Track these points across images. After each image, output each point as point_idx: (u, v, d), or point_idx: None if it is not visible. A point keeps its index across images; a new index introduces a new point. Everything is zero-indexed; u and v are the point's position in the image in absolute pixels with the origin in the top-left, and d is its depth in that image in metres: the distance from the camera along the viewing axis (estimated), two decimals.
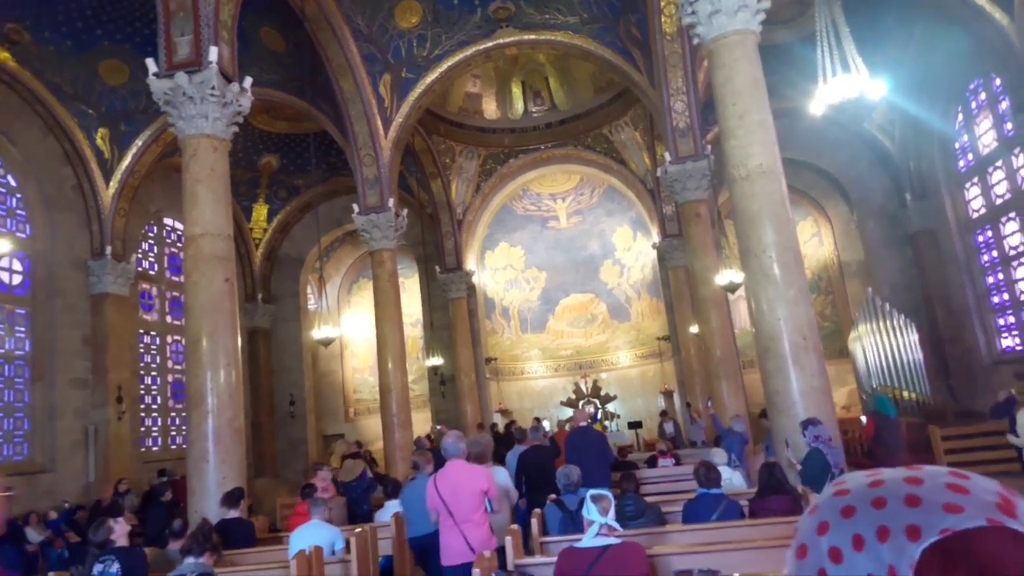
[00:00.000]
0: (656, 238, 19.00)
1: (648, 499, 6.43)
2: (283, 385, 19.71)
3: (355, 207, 13.46)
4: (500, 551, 4.57)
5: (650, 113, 15.23)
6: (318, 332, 13.52)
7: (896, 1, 13.45)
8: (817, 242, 19.28)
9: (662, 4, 12.07)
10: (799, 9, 14.47)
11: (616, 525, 3.52)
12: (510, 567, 4.07)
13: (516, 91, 19.12)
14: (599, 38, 13.62)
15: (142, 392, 15.71)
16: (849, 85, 7.04)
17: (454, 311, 18.97)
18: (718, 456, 6.73)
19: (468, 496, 4.95)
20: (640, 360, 21.24)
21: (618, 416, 20.11)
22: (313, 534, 5.38)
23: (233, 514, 6.30)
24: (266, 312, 19.35)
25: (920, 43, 14.74)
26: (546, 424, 16.96)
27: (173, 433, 16.51)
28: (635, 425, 17.83)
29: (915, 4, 13.21)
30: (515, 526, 4.55)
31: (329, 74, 12.87)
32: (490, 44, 13.93)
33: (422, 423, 19.83)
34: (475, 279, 20.14)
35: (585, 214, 22.14)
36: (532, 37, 13.93)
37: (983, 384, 14.65)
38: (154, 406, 16.16)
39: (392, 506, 6.73)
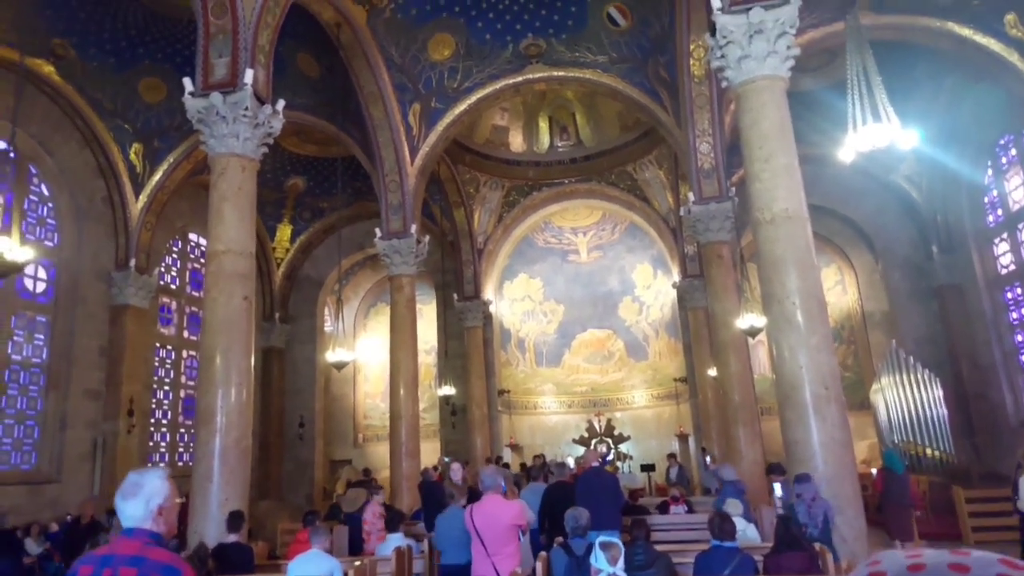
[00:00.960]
0: (676, 277, 18.88)
1: (658, 547, 6.26)
2: (294, 406, 19.67)
3: (377, 231, 13.53)
4: None
5: (675, 153, 15.24)
6: (332, 355, 13.51)
7: (926, 53, 13.40)
8: (840, 290, 19.02)
9: (691, 47, 12.15)
10: (827, 58, 14.48)
11: (622, 574, 3.38)
12: None
13: (543, 125, 19.28)
14: (627, 78, 13.72)
15: (153, 406, 15.74)
16: (880, 134, 6.98)
17: (469, 340, 18.89)
18: (734, 507, 6.52)
19: (503, 529, 5.24)
20: (656, 401, 20.94)
21: (631, 457, 19.77)
22: (312, 564, 5.27)
23: (232, 538, 6.20)
24: (282, 332, 19.43)
25: (950, 95, 14.67)
26: (570, 461, 16.66)
27: (181, 450, 16.47)
28: (648, 468, 17.49)
29: (945, 57, 13.16)
30: (519, 570, 4.41)
31: (360, 101, 13.06)
32: (520, 79, 14.09)
33: (431, 453, 19.63)
34: (492, 309, 20.09)
35: (606, 249, 22.10)
36: (561, 74, 14.07)
37: (1009, 444, 14.18)
38: (164, 421, 16.16)
39: (394, 539, 6.59)
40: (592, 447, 20.15)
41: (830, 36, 12.59)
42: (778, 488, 7.11)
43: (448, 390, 18.17)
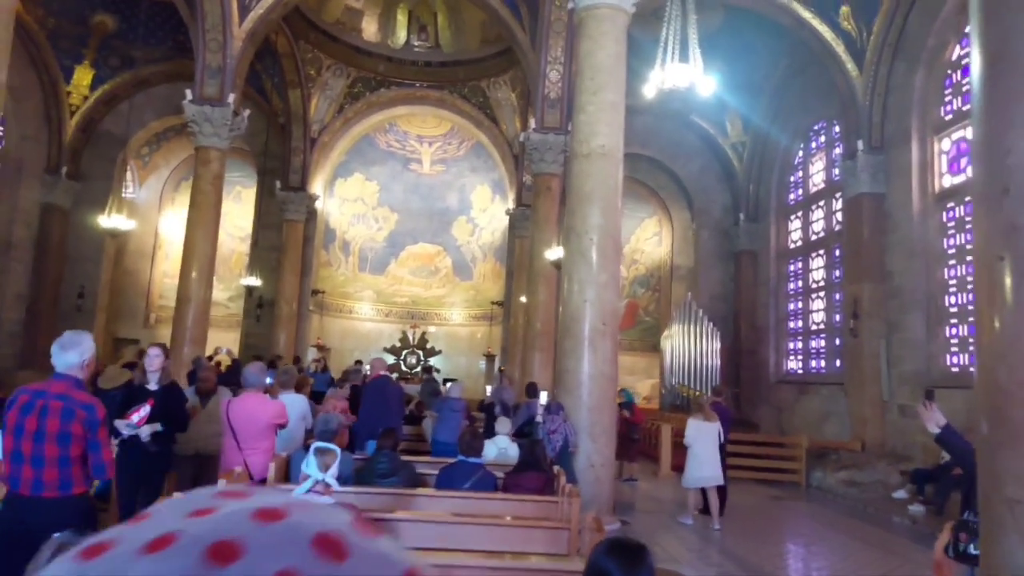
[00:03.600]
0: (512, 205, 18.93)
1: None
2: (76, 275, 17.53)
3: (188, 93, 12.02)
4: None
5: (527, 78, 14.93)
6: (107, 220, 11.94)
7: (770, 30, 14.03)
8: (657, 241, 20.18)
9: None
10: None
11: (334, 483, 3.21)
12: None
13: (401, 18, 18.06)
14: None
15: None
16: (682, 74, 7.13)
17: (288, 233, 17.78)
18: (502, 425, 6.68)
19: (260, 427, 5.22)
20: (472, 320, 21.30)
21: (439, 371, 20.07)
22: None
23: None
24: (69, 189, 16.99)
25: (783, 75, 15.61)
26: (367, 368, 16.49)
27: None
28: (450, 382, 17.79)
29: (785, 38, 13.88)
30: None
31: None
32: None
33: (229, 343, 18.57)
34: (319, 204, 19.02)
35: (449, 164, 21.64)
36: None
37: (764, 398, 16.15)
38: None
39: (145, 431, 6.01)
40: (402, 357, 20.23)
41: None
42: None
43: (253, 281, 17.11)
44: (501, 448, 6.51)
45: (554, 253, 11.67)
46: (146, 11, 15.81)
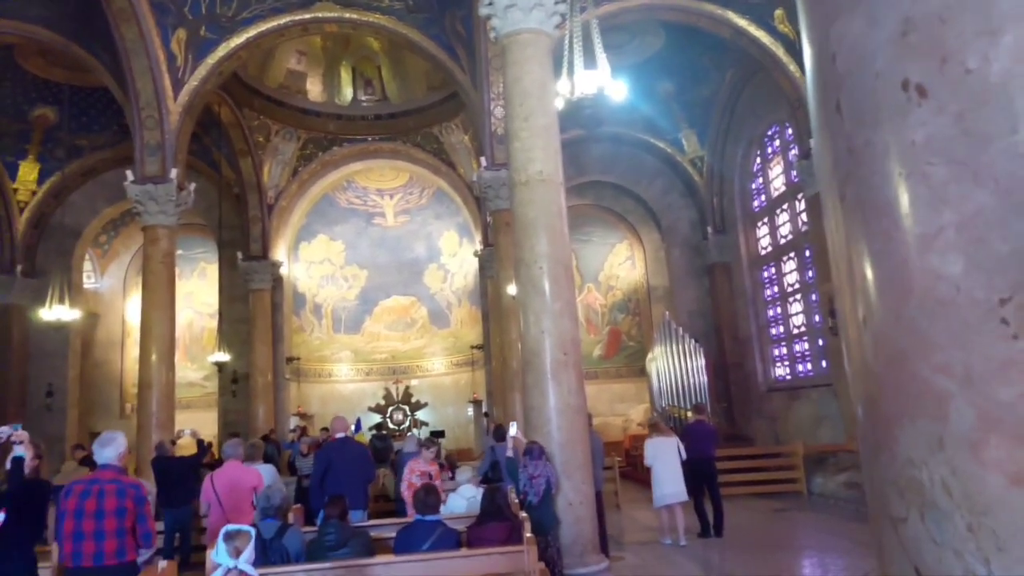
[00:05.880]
0: (479, 246, 18.75)
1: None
2: (43, 373, 17.01)
3: (129, 175, 11.80)
4: None
5: None
6: (47, 312, 11.59)
7: (711, 43, 14.15)
8: (630, 265, 20.03)
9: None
10: (626, 36, 14.81)
11: (248, 569, 2.84)
12: None
13: (345, 76, 18.10)
14: (425, 29, 13.06)
15: None
16: (589, 81, 7.00)
17: (255, 303, 17.42)
18: (462, 473, 6.29)
19: (241, 491, 5.68)
20: (454, 368, 20.89)
21: (426, 424, 19.58)
22: None
23: None
24: (26, 287, 16.59)
25: (730, 87, 15.71)
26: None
27: None
28: (438, 435, 17.31)
29: (727, 48, 13.98)
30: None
31: (108, 18, 11.16)
32: (307, 16, 12.87)
33: (209, 423, 18.04)
34: (284, 271, 18.71)
35: (413, 214, 21.50)
36: (354, 16, 13.05)
37: (756, 409, 15.78)
38: None
39: None
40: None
41: (625, 11, 12.83)
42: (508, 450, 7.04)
43: (222, 356, 16.65)
44: (469, 498, 6.12)
45: (513, 288, 11.42)
46: (86, 99, 15.73)
